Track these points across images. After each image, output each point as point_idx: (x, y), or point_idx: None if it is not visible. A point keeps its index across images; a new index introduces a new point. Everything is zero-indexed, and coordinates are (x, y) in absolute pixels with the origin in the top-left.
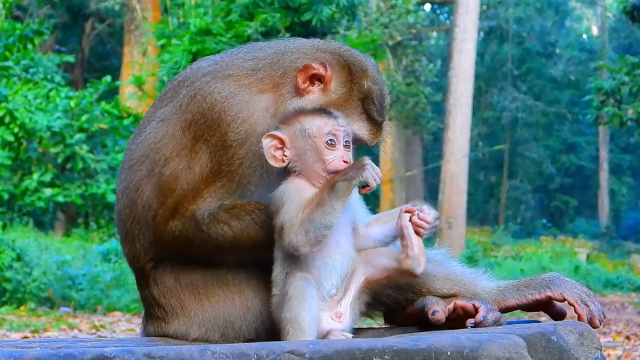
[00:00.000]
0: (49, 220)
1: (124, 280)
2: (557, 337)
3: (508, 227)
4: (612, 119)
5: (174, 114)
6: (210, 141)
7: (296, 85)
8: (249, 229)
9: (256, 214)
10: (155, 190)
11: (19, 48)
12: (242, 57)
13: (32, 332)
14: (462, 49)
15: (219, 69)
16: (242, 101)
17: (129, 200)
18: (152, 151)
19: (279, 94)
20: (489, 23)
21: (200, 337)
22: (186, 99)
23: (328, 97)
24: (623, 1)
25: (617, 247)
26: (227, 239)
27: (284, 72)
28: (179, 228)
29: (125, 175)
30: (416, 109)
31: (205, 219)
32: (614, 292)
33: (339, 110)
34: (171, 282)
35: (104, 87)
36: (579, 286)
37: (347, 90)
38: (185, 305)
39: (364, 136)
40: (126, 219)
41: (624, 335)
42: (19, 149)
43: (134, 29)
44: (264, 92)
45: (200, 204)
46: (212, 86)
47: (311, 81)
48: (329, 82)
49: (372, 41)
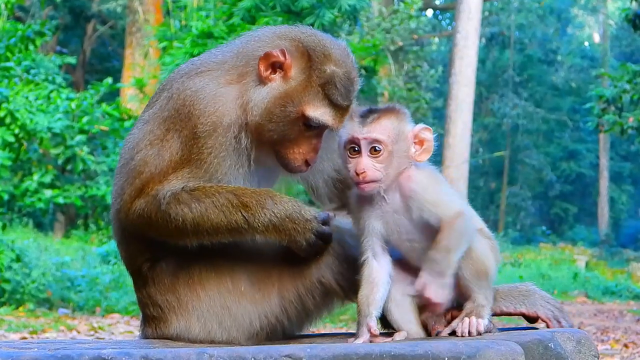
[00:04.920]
0: (48, 221)
1: (123, 282)
2: (554, 344)
3: (507, 234)
4: (613, 127)
5: (154, 114)
6: (182, 132)
7: (258, 73)
8: (209, 212)
9: (216, 197)
10: (125, 175)
11: (20, 49)
12: (214, 53)
13: (31, 333)
14: (463, 55)
15: (194, 68)
16: (210, 94)
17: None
18: (133, 150)
19: (244, 83)
20: (491, 29)
21: (201, 331)
22: (165, 99)
23: (288, 84)
24: (625, 9)
25: (617, 254)
26: (187, 220)
27: (247, 61)
28: (142, 206)
29: (116, 179)
30: (417, 114)
31: (166, 198)
32: (613, 300)
33: (301, 97)
34: (169, 279)
35: (105, 89)
36: (552, 301)
37: (307, 76)
38: (182, 298)
39: (328, 122)
40: (120, 223)
41: (622, 343)
42: (19, 150)
43: (135, 31)
44: (231, 83)
45: (165, 184)
46: (186, 84)
47: (273, 69)
48: (288, 69)
49: (374, 46)
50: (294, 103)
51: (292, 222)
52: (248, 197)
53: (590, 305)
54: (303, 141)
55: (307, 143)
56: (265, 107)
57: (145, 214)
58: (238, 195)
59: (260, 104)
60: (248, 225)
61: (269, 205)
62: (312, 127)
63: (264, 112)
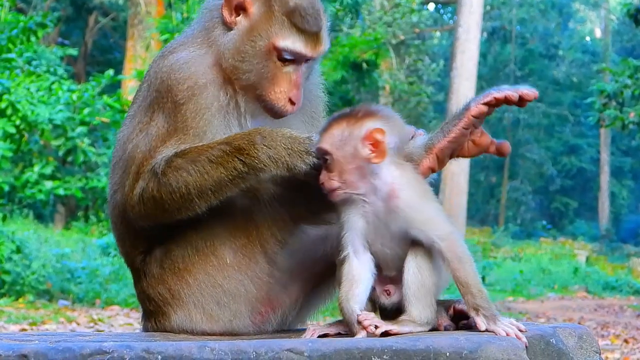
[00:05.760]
0: (49, 212)
1: (123, 275)
2: (556, 339)
3: (508, 228)
4: (614, 122)
5: (139, 106)
6: (165, 107)
7: (224, 21)
8: (207, 169)
9: (210, 151)
10: (121, 168)
11: (22, 40)
12: (184, 30)
13: (31, 324)
14: (465, 49)
15: (166, 49)
16: (182, 62)
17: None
18: (125, 144)
19: (212, 37)
20: (493, 24)
21: (202, 316)
22: (145, 88)
23: (253, 20)
24: (627, 4)
25: (617, 249)
26: (189, 184)
27: (211, 15)
28: (143, 187)
29: (112, 175)
30: (418, 108)
31: (161, 167)
32: (613, 295)
33: (266, 29)
34: (157, 270)
35: (106, 80)
36: (486, 91)
37: (267, 7)
38: (173, 288)
39: (301, 49)
40: (116, 219)
41: (622, 338)
42: (20, 141)
43: (137, 23)
44: (201, 46)
45: (157, 157)
46: (161, 65)
47: (236, 12)
48: (249, 6)
49: (376, 40)
50: (261, 36)
51: (285, 149)
52: (239, 140)
53: (591, 300)
54: (282, 78)
55: (286, 79)
56: (235, 48)
57: (148, 194)
58: (229, 142)
59: (230, 46)
60: (247, 167)
61: (259, 140)
62: (287, 61)
63: (235, 53)
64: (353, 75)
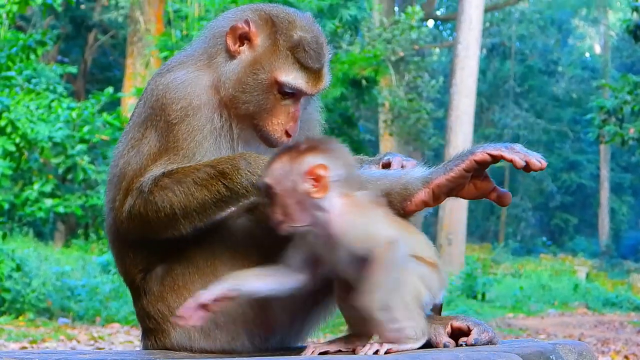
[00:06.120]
0: (49, 230)
1: (123, 292)
2: (555, 356)
3: (508, 244)
4: (614, 138)
5: (134, 122)
6: (158, 125)
7: (227, 48)
8: (192, 190)
9: (195, 173)
10: (114, 184)
11: (21, 58)
12: (185, 49)
13: (31, 342)
14: (464, 65)
15: (165, 67)
16: (178, 81)
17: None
18: (118, 159)
19: (215, 64)
20: (492, 40)
21: (200, 335)
22: (141, 105)
23: (256, 52)
24: (626, 20)
25: (617, 266)
26: (174, 205)
27: (215, 41)
28: (130, 204)
29: (107, 193)
30: (418, 125)
31: (148, 186)
32: (613, 311)
33: (271, 62)
34: (157, 287)
35: (106, 98)
36: (499, 144)
37: (273, 41)
38: (172, 305)
39: (302, 86)
40: (112, 237)
41: (622, 354)
42: (20, 159)
43: (136, 40)
44: (201, 68)
45: (145, 176)
46: (158, 82)
47: (240, 41)
48: (254, 38)
49: (375, 56)
50: (264, 69)
51: None
52: (224, 164)
53: (591, 316)
54: (280, 111)
55: (284, 112)
56: (236, 78)
57: (135, 211)
58: (214, 165)
59: (231, 76)
60: (230, 191)
61: (244, 165)
62: (287, 94)
63: (236, 83)
64: (352, 92)
